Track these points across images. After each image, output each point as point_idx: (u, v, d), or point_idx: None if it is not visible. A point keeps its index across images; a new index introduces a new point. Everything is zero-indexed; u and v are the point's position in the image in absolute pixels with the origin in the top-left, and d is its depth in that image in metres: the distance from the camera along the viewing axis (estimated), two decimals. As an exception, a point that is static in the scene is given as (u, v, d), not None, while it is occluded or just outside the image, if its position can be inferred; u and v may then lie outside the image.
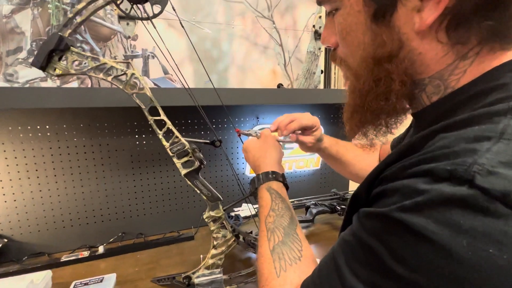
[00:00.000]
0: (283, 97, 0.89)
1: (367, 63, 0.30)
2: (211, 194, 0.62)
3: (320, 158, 1.18)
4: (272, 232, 0.37)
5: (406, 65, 0.29)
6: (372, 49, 0.29)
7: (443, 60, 0.28)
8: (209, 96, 0.78)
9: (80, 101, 0.68)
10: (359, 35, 0.30)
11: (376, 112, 0.31)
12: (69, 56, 0.50)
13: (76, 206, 0.87)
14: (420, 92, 0.31)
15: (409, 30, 0.28)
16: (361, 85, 0.31)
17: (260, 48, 1.23)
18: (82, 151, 0.84)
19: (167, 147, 0.59)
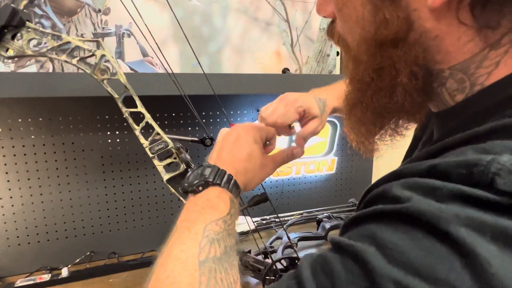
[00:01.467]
0: (289, 85, 0.89)
1: (367, 45, 0.29)
2: (200, 204, 0.62)
3: (335, 160, 1.18)
4: (210, 242, 0.35)
5: (417, 52, 0.27)
6: (373, 28, 0.28)
7: (468, 47, 0.26)
8: (198, 83, 0.78)
9: (39, 90, 0.69)
10: (357, 7, 0.29)
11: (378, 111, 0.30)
12: (25, 33, 0.50)
13: (34, 219, 0.87)
14: (439, 87, 0.29)
15: (420, 5, 0.26)
16: (360, 74, 0.30)
17: (261, 24, 1.22)
18: (41, 151, 0.85)
19: (146, 146, 0.59)
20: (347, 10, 0.30)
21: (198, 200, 0.41)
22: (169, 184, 0.60)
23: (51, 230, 0.89)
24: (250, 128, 0.49)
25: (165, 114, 0.94)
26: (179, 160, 0.59)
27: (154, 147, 0.59)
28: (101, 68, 0.54)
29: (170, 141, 0.59)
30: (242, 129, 0.48)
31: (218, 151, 0.47)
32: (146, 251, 0.96)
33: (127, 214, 0.96)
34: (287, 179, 1.14)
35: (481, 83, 0.27)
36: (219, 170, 0.43)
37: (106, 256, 0.92)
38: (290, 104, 0.56)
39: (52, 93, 0.70)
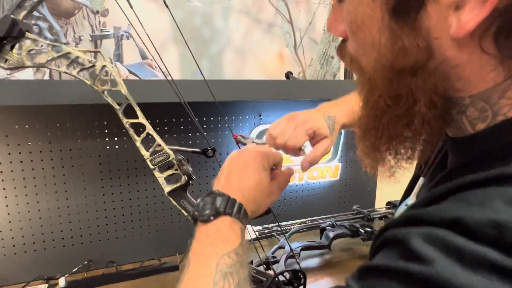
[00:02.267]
0: (292, 91, 0.90)
1: (384, 71, 0.28)
2: (201, 217, 0.62)
3: (339, 167, 1.18)
4: (224, 277, 0.36)
5: (436, 80, 0.27)
6: (391, 55, 0.28)
7: (490, 76, 0.26)
8: (199, 89, 0.78)
9: (37, 98, 0.69)
10: (373, 32, 0.28)
11: (393, 138, 0.30)
12: (24, 44, 0.50)
13: (31, 228, 0.87)
14: (459, 114, 0.30)
15: (442, 34, 0.26)
16: (375, 100, 0.30)
17: (264, 25, 1.23)
18: (38, 158, 0.85)
19: (147, 158, 0.59)
20: (362, 33, 0.29)
21: (209, 231, 0.42)
22: (171, 196, 0.60)
23: (48, 239, 0.89)
24: (258, 154, 0.50)
25: (165, 119, 0.95)
26: (181, 172, 0.60)
27: (155, 158, 0.60)
28: (101, 79, 0.55)
29: (171, 153, 0.60)
30: (250, 155, 0.49)
31: (226, 176, 0.48)
32: (145, 259, 0.96)
33: (126, 222, 0.96)
34: (289, 185, 1.14)
35: (504, 113, 0.27)
36: (229, 199, 0.44)
37: (104, 265, 0.92)
38: (300, 126, 0.57)
39: (50, 101, 0.70)
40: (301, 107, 1.09)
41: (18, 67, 0.51)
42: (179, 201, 0.61)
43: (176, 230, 1.02)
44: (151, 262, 0.96)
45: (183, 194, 0.61)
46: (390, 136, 0.30)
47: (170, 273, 0.92)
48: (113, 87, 0.55)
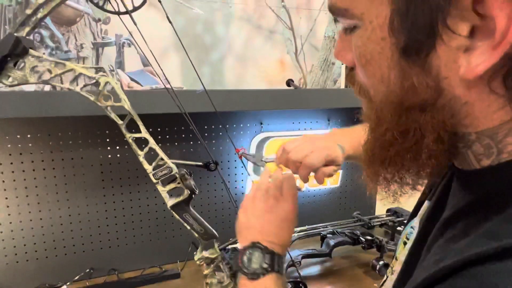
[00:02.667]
0: (294, 100, 0.90)
1: (393, 106, 0.29)
2: (204, 230, 0.62)
3: (340, 174, 1.19)
4: None
5: (445, 117, 0.27)
6: (400, 92, 0.28)
7: (498, 115, 0.27)
8: (200, 99, 0.78)
9: (40, 109, 0.69)
10: (383, 68, 0.28)
11: (399, 168, 0.31)
12: (27, 61, 0.50)
13: (33, 236, 0.88)
14: (465, 148, 0.30)
15: (451, 74, 0.26)
16: (382, 132, 0.30)
17: (265, 33, 1.23)
18: (40, 167, 0.85)
19: (150, 172, 0.60)
20: (371, 68, 0.29)
21: None
22: (174, 210, 0.60)
23: (50, 247, 0.90)
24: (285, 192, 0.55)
25: (166, 129, 0.95)
26: (183, 186, 0.60)
27: (158, 173, 0.60)
28: (104, 95, 0.55)
29: (174, 167, 0.60)
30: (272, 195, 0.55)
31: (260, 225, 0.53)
32: (146, 267, 0.97)
33: (127, 230, 0.97)
34: (290, 192, 1.14)
35: (508, 151, 0.27)
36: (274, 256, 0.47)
37: (106, 273, 0.93)
38: (319, 150, 0.59)
39: (52, 112, 0.70)
40: (302, 116, 1.10)
41: (22, 83, 0.51)
42: (181, 214, 0.61)
43: (177, 238, 1.02)
44: (152, 270, 0.96)
45: (186, 207, 0.61)
46: (396, 166, 0.31)
47: (172, 281, 0.93)
48: (116, 103, 0.55)
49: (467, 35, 0.24)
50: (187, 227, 0.61)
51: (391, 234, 1.11)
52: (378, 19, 0.27)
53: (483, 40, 0.24)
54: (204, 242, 0.63)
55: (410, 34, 0.25)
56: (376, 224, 1.09)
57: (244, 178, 1.07)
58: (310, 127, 1.12)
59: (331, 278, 0.93)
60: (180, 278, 0.94)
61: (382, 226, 1.13)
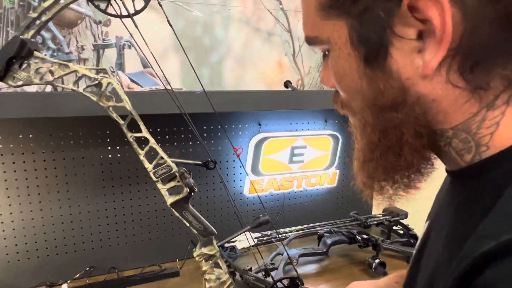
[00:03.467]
0: (291, 101, 0.92)
1: (370, 110, 0.32)
2: (203, 227, 0.64)
3: (337, 174, 1.21)
4: None
5: (417, 114, 0.30)
6: (372, 97, 0.31)
7: (466, 108, 0.29)
8: (199, 100, 0.80)
9: (42, 110, 0.71)
10: (355, 79, 0.32)
11: (388, 169, 0.33)
12: (32, 63, 0.52)
13: (34, 235, 0.89)
14: (446, 146, 0.32)
15: (412, 74, 0.29)
16: (368, 135, 0.33)
17: (264, 35, 1.25)
18: (41, 166, 0.87)
19: (150, 170, 0.61)
20: (346, 82, 0.33)
21: None
22: (173, 208, 0.62)
23: (51, 246, 0.91)
24: None
25: (166, 129, 0.97)
26: (183, 184, 0.62)
27: (158, 171, 0.61)
28: (106, 95, 0.57)
29: (174, 165, 0.62)
30: None
31: None
32: (146, 266, 0.98)
33: (127, 229, 0.98)
34: (288, 192, 1.16)
35: (485, 143, 0.29)
36: None
37: (105, 271, 0.94)
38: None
39: (54, 113, 0.72)
40: (300, 117, 1.11)
41: (26, 84, 0.52)
42: (181, 212, 0.62)
43: (176, 237, 1.04)
44: (152, 268, 0.97)
45: (185, 205, 0.63)
46: (385, 166, 0.33)
47: (171, 279, 0.94)
48: (118, 103, 0.57)
49: (416, 38, 0.28)
50: (186, 224, 0.63)
51: (387, 233, 1.13)
52: (341, 39, 0.31)
53: (430, 39, 0.27)
54: (203, 239, 0.65)
55: (366, 45, 0.29)
56: (372, 224, 1.11)
57: (243, 178, 1.09)
58: (307, 128, 1.13)
59: (328, 276, 0.95)
60: (179, 277, 0.96)
61: (379, 226, 1.15)
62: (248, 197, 1.10)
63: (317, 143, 1.14)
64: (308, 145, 1.12)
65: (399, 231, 1.15)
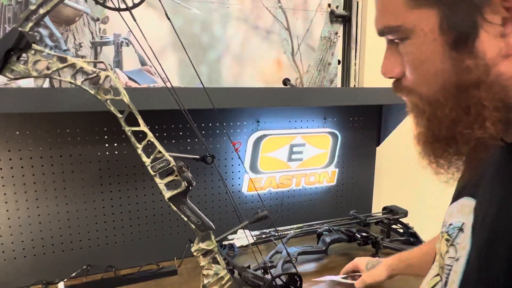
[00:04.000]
0: (290, 98, 0.93)
1: (450, 91, 0.36)
2: (201, 222, 0.64)
3: (336, 172, 1.21)
4: None
5: (496, 91, 0.35)
6: (455, 77, 0.36)
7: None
8: (198, 96, 0.81)
9: (39, 105, 0.71)
10: (436, 63, 0.36)
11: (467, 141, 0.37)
12: (31, 55, 0.52)
13: (31, 232, 0.89)
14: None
15: (495, 55, 0.34)
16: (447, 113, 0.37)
17: (262, 33, 1.26)
18: (38, 163, 0.87)
19: (148, 165, 0.62)
20: (425, 67, 0.37)
21: None
22: (171, 202, 0.62)
23: (48, 244, 0.91)
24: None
25: (164, 126, 0.97)
26: (181, 178, 0.62)
27: (156, 165, 0.62)
28: (104, 88, 0.57)
29: (172, 159, 0.62)
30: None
31: None
32: (143, 264, 0.98)
33: (125, 227, 0.98)
34: (287, 191, 1.17)
35: None
36: None
37: (103, 270, 0.94)
38: None
39: (52, 108, 0.72)
40: (298, 114, 1.12)
41: (24, 77, 0.53)
42: (179, 206, 0.63)
43: (174, 235, 1.04)
44: (149, 267, 0.97)
45: (183, 199, 0.63)
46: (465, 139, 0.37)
47: (168, 278, 0.94)
48: (115, 96, 0.58)
49: (501, 24, 0.33)
50: (184, 218, 0.63)
51: (386, 232, 1.13)
52: (428, 26, 0.36)
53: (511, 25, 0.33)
54: (201, 234, 0.65)
55: (457, 30, 0.35)
56: (372, 222, 1.11)
57: (241, 176, 1.10)
58: (306, 126, 1.14)
59: (327, 274, 0.95)
60: (177, 275, 0.96)
61: (378, 224, 1.15)
62: (247, 195, 1.11)
63: (316, 141, 1.14)
64: (307, 143, 1.13)
65: (399, 229, 1.16)
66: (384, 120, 1.25)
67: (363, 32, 1.35)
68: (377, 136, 1.27)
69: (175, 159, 0.63)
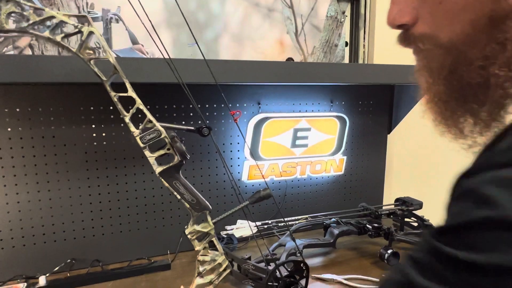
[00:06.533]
0: (294, 74, 0.89)
1: (482, 25, 0.32)
2: (196, 200, 0.61)
3: (344, 160, 1.18)
4: None
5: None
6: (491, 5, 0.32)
7: None
8: (193, 70, 0.78)
9: (18, 74, 0.68)
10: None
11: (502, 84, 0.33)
12: (3, 5, 0.49)
13: (9, 222, 0.86)
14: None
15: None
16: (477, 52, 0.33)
17: (263, 10, 1.23)
18: (18, 145, 0.84)
19: (137, 135, 0.58)
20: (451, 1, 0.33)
21: None
22: (162, 177, 0.59)
23: (28, 234, 0.88)
24: None
25: (156, 106, 0.94)
26: (173, 151, 0.59)
27: (146, 136, 0.59)
28: (88, 47, 0.54)
29: (163, 130, 0.59)
30: None
31: None
32: (133, 259, 0.94)
33: (113, 217, 0.95)
34: (290, 180, 1.13)
35: None
36: None
37: (88, 264, 0.91)
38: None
39: (31, 78, 0.69)
40: (303, 96, 1.09)
41: (-3, 30, 0.50)
42: (171, 182, 0.59)
43: (168, 228, 1.00)
44: (140, 261, 0.94)
45: (176, 175, 0.60)
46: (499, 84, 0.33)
47: (161, 273, 0.91)
48: (100, 57, 0.54)
49: None
50: (177, 196, 0.60)
51: (400, 225, 1.09)
52: None
53: None
54: (196, 214, 0.61)
55: None
56: (383, 213, 1.07)
57: (241, 163, 1.06)
58: (312, 109, 1.11)
59: (335, 269, 0.91)
60: (170, 270, 0.92)
61: (390, 216, 1.11)
62: (247, 184, 1.07)
63: (323, 125, 1.11)
64: (313, 128, 1.10)
65: (413, 223, 1.12)
66: (396, 104, 1.22)
67: (373, 11, 1.32)
68: (389, 121, 1.23)
69: (167, 130, 0.60)
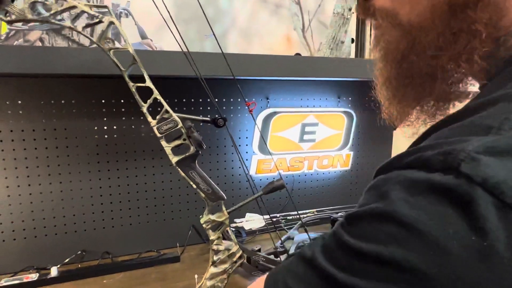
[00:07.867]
0: (303, 68, 0.90)
1: (440, 11, 0.30)
2: (211, 190, 0.62)
3: (351, 155, 1.19)
4: None
5: (491, 13, 0.29)
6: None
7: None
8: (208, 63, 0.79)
9: (31, 65, 0.69)
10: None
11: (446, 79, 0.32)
12: (27, -5, 0.50)
13: (21, 213, 0.86)
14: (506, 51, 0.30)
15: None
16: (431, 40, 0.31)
17: (271, 7, 1.24)
18: (30, 137, 0.85)
19: (154, 126, 0.59)
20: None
21: None
22: (178, 167, 0.60)
23: (39, 226, 0.88)
24: None
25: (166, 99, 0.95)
26: (189, 141, 0.60)
27: (162, 126, 0.59)
28: (107, 37, 0.55)
29: (179, 120, 0.60)
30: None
31: None
32: (143, 251, 0.95)
33: (123, 210, 0.95)
34: (298, 175, 1.14)
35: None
36: None
37: (99, 256, 0.91)
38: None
39: (45, 69, 0.70)
40: (311, 91, 1.10)
41: (19, 20, 0.50)
42: (187, 172, 0.60)
43: (177, 220, 1.01)
44: (149, 254, 0.95)
45: (192, 164, 0.61)
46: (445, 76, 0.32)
47: (170, 265, 0.91)
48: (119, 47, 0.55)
49: None
50: (193, 185, 0.61)
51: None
52: None
53: None
54: (211, 204, 0.62)
55: None
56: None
57: (249, 157, 1.07)
58: (319, 105, 1.12)
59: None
60: (179, 262, 0.93)
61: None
62: (255, 178, 1.08)
63: (330, 120, 1.12)
64: (320, 123, 1.11)
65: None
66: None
67: (379, 8, 1.33)
68: (395, 118, 1.24)
69: (183, 120, 0.61)
